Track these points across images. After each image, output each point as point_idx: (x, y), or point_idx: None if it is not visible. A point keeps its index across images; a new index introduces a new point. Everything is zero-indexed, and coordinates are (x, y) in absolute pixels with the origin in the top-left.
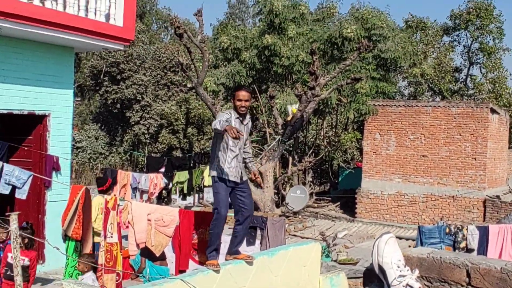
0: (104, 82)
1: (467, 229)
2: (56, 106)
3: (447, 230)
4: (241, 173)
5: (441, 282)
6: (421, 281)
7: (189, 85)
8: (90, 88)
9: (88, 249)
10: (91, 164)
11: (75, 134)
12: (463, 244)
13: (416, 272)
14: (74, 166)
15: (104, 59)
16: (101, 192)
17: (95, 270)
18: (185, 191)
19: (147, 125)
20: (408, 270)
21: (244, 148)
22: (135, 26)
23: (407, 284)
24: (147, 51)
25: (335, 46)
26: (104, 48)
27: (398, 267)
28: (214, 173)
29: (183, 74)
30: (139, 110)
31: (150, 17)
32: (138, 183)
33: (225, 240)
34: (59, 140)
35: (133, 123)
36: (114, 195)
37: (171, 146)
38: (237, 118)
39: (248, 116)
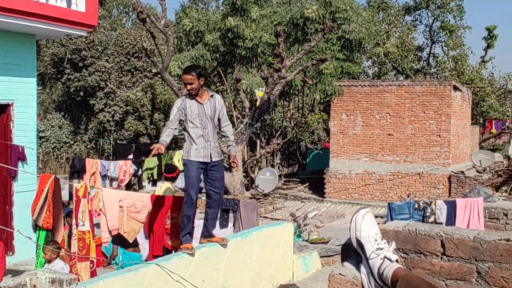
0: (66, 70)
1: (435, 204)
2: (20, 95)
3: (416, 205)
4: (210, 153)
5: (417, 253)
6: (398, 253)
7: (154, 71)
8: (52, 76)
9: (59, 238)
10: (55, 153)
11: (38, 124)
12: (431, 219)
13: (393, 244)
14: (39, 156)
15: (65, 46)
16: (169, 179)
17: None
18: (155, 177)
19: (112, 112)
20: (385, 243)
21: (222, 127)
22: (97, 11)
23: (385, 257)
24: (109, 37)
25: (298, 28)
26: (66, 34)
27: (376, 240)
28: (184, 155)
29: (147, 60)
30: (103, 97)
31: (111, 2)
32: (107, 170)
33: (198, 224)
34: (24, 130)
35: (98, 110)
36: (84, 183)
37: (137, 133)
38: (192, 99)
39: (210, 94)
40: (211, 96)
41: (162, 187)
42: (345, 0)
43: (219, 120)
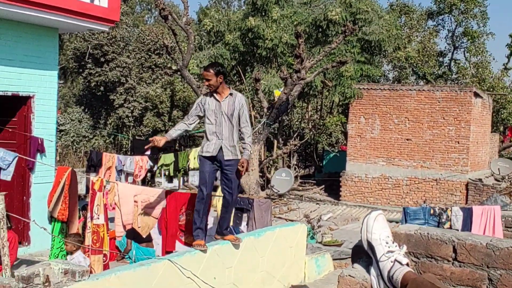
0: (87, 65)
1: (451, 210)
2: (40, 87)
3: (432, 211)
4: (222, 150)
5: (428, 257)
6: (409, 257)
7: (174, 68)
8: (73, 70)
9: (74, 230)
10: (74, 147)
11: (58, 117)
12: (447, 225)
13: (404, 248)
14: (58, 149)
15: (88, 41)
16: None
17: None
18: (171, 174)
19: (131, 108)
20: (396, 246)
21: (240, 127)
22: (120, 7)
23: (395, 260)
24: (131, 33)
25: (320, 29)
26: (88, 29)
27: (387, 243)
28: (199, 150)
29: (168, 57)
30: (123, 93)
31: None
32: (123, 165)
33: (213, 221)
34: (44, 122)
35: (117, 106)
36: (100, 177)
37: (156, 129)
38: (211, 96)
39: (230, 92)
40: (231, 94)
41: None
42: (367, 1)
43: (238, 118)
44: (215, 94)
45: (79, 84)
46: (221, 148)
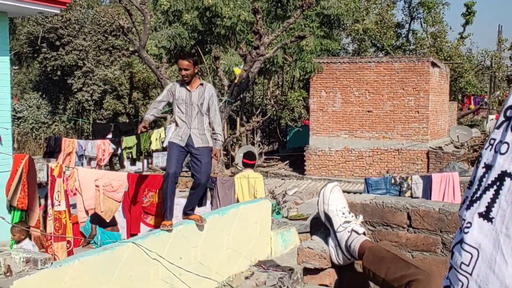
0: (42, 49)
1: (411, 179)
2: None
3: (393, 181)
4: (192, 138)
5: (383, 225)
6: (365, 226)
7: (131, 49)
8: (28, 55)
9: (35, 218)
10: (34, 134)
11: (15, 104)
12: (408, 194)
13: (360, 217)
14: (16, 137)
15: (41, 25)
16: (249, 166)
17: (31, 238)
18: (134, 156)
19: (90, 92)
20: (352, 216)
21: (210, 117)
22: None
23: (352, 229)
24: (85, 15)
25: (279, 4)
26: (39, 12)
27: (343, 213)
28: (169, 137)
29: (125, 38)
30: (81, 76)
31: None
32: (84, 150)
33: (179, 202)
34: None
35: (76, 90)
36: (58, 162)
37: (116, 112)
38: (182, 86)
39: (200, 82)
40: (201, 84)
41: (245, 173)
42: None
43: (208, 108)
44: (186, 84)
45: (35, 69)
46: (190, 136)
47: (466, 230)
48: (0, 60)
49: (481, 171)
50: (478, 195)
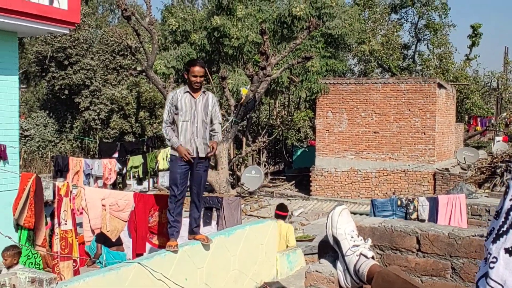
0: (50, 68)
1: (417, 201)
2: (1, 93)
3: (399, 202)
4: (197, 148)
5: (392, 249)
6: (374, 250)
7: (139, 69)
8: (36, 74)
9: (41, 237)
10: (40, 152)
11: (22, 122)
12: (414, 216)
13: (369, 241)
14: (23, 155)
15: (50, 44)
16: (282, 217)
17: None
18: (141, 176)
19: (97, 111)
20: (361, 240)
21: (213, 124)
22: (80, 8)
23: (361, 253)
24: (94, 35)
25: (285, 25)
26: (48, 32)
27: (352, 237)
28: (171, 150)
29: (133, 58)
30: (88, 95)
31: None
32: (91, 169)
33: (185, 223)
34: (5, 128)
35: (83, 109)
36: (66, 181)
37: (123, 131)
38: (187, 92)
39: (203, 90)
40: (204, 92)
41: (279, 225)
42: None
43: (211, 117)
44: (190, 91)
45: (43, 88)
46: (196, 147)
47: (491, 265)
48: (9, 79)
49: (508, 203)
50: (504, 228)
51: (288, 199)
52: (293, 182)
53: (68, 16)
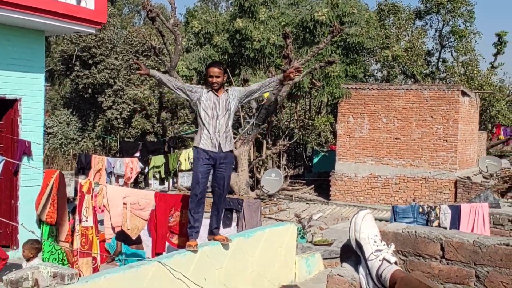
0: (75, 67)
1: (439, 208)
2: (27, 90)
3: (420, 209)
4: (219, 142)
5: (416, 256)
6: (397, 255)
7: (162, 70)
8: (61, 73)
9: (64, 233)
10: (62, 149)
11: (46, 120)
12: (435, 223)
13: (392, 246)
14: (46, 152)
15: (75, 44)
16: None
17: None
18: (163, 176)
19: (120, 110)
20: (384, 245)
21: (247, 91)
22: (107, 9)
23: (384, 258)
24: (118, 35)
25: (307, 30)
26: (75, 31)
27: (375, 242)
28: (194, 143)
29: (156, 58)
30: (111, 95)
31: (122, 0)
32: (113, 167)
33: (204, 223)
34: (31, 125)
35: (106, 108)
36: (88, 179)
37: (144, 131)
38: (210, 91)
39: (225, 89)
40: (226, 90)
41: None
42: (352, 3)
43: (245, 95)
44: (214, 91)
45: (67, 87)
46: (218, 141)
47: None
48: (35, 77)
49: None
50: None
51: (307, 203)
52: (313, 186)
53: (94, 16)
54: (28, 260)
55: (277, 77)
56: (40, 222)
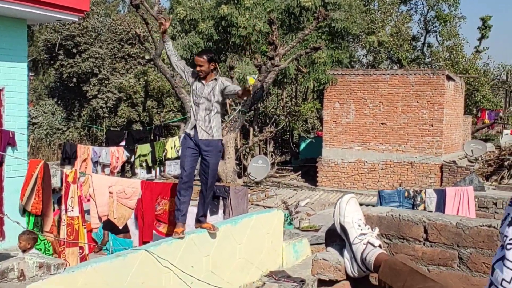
0: (59, 56)
1: (425, 193)
2: (10, 80)
3: (406, 194)
4: (196, 129)
5: (400, 239)
6: (381, 239)
7: (147, 57)
8: (45, 62)
9: (49, 223)
10: (48, 139)
11: (30, 110)
12: (421, 207)
13: (376, 230)
14: (31, 142)
15: (59, 32)
16: None
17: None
18: (150, 164)
19: (105, 99)
20: (368, 228)
21: (226, 89)
22: None
23: (368, 242)
24: (103, 23)
25: (293, 16)
26: (57, 19)
27: (359, 226)
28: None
29: (141, 46)
30: (96, 83)
31: None
32: (99, 157)
33: (192, 211)
34: (14, 115)
35: (91, 97)
36: (74, 168)
37: (130, 120)
38: (197, 78)
39: (215, 77)
40: (215, 79)
41: None
42: None
43: (227, 93)
44: (201, 79)
45: (51, 76)
46: (195, 127)
47: (508, 246)
48: (18, 66)
49: None
50: None
51: (295, 190)
52: (300, 172)
53: (77, 4)
54: (24, 251)
55: (239, 89)
56: (24, 212)
